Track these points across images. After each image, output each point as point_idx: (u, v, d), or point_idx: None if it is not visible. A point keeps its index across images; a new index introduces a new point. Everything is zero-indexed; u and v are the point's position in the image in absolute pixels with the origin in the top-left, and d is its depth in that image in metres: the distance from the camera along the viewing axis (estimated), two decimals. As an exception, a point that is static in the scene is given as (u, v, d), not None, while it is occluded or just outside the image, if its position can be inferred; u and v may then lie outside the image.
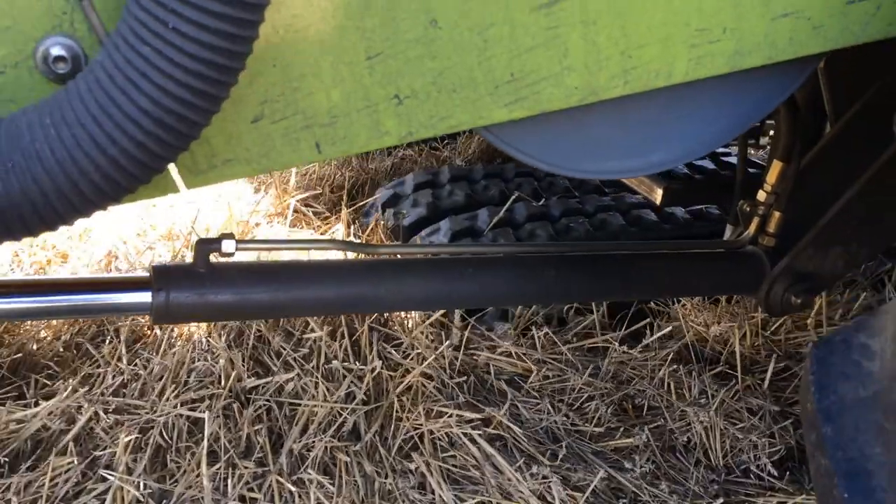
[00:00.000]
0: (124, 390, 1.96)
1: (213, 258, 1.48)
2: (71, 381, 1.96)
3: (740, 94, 1.23)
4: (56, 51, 0.83)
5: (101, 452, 1.78)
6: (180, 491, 1.72)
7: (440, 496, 1.79)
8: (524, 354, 2.21)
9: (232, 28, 0.75)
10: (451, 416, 1.97)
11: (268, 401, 1.96)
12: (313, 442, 1.86)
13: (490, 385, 2.17)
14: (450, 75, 1.02)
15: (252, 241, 1.59)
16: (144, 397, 1.93)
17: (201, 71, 0.75)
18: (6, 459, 1.74)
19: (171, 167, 0.92)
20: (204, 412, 1.85)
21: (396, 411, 1.98)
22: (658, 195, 2.12)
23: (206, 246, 1.47)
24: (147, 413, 1.87)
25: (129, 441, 1.77)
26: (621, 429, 2.08)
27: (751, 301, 2.41)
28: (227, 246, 1.47)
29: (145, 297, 1.42)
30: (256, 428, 1.87)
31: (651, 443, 2.03)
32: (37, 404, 1.88)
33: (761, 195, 1.92)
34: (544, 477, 1.86)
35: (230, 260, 1.51)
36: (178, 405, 1.89)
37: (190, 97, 0.76)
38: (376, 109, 1.01)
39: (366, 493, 1.80)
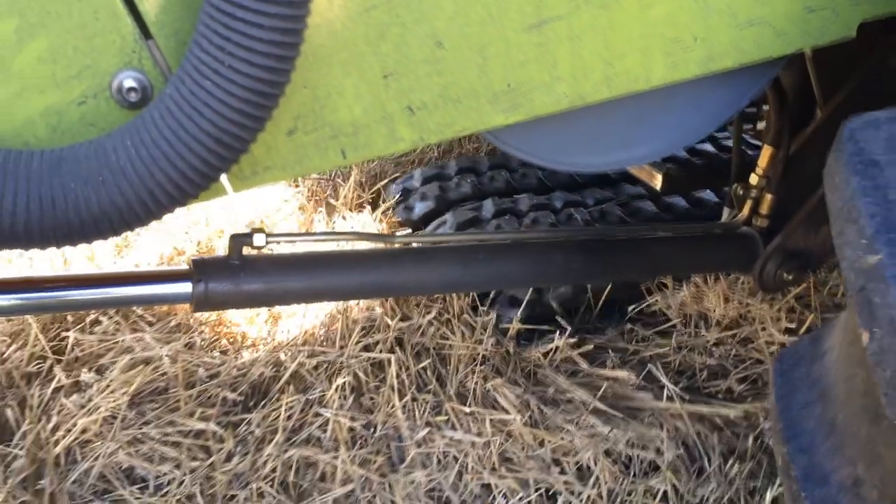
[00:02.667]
0: (312, 339, 2.31)
1: (246, 251, 1.65)
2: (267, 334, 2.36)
3: (715, 92, 1.38)
4: (128, 83, 1.02)
5: (314, 394, 2.11)
6: (381, 421, 2.04)
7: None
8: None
9: (274, 64, 0.92)
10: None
11: (419, 343, 2.29)
12: (467, 375, 2.19)
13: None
14: (454, 88, 1.18)
15: (280, 234, 1.76)
16: (329, 344, 2.27)
17: (251, 98, 0.93)
18: (241, 398, 2.09)
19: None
20: (383, 353, 2.18)
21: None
22: (658, 181, 2.26)
23: (240, 240, 1.64)
24: (339, 357, 2.18)
25: (341, 383, 2.09)
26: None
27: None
28: (258, 239, 1.64)
29: (186, 287, 1.58)
30: (422, 365, 2.19)
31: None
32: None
33: (753, 179, 2.05)
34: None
35: (261, 252, 1.68)
36: (360, 350, 2.22)
37: (242, 120, 0.94)
38: (392, 120, 1.18)
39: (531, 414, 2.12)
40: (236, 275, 1.64)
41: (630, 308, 2.49)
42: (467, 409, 2.09)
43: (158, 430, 2.00)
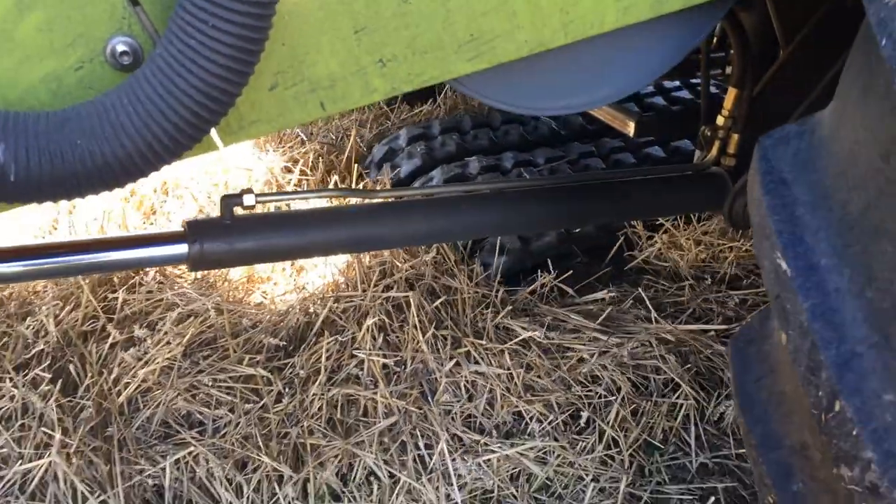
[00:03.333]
0: (336, 287, 2.52)
1: (238, 212, 1.74)
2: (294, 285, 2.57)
3: (669, 32, 1.47)
4: (121, 47, 1.11)
5: (347, 336, 2.29)
6: (409, 357, 2.22)
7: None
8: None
9: (254, 22, 1.02)
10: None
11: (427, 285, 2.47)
12: (476, 315, 2.39)
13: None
14: (421, 40, 1.28)
15: (269, 193, 1.86)
16: (352, 289, 2.46)
17: (234, 55, 1.02)
18: (283, 344, 2.28)
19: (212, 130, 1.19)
20: (402, 293, 2.38)
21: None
22: (631, 128, 2.36)
23: (231, 200, 1.73)
24: (362, 300, 2.36)
25: (370, 324, 2.27)
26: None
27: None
28: (248, 199, 1.73)
29: (182, 248, 1.67)
30: (436, 305, 2.38)
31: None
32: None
33: (720, 120, 2.15)
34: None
35: (251, 212, 1.77)
36: (381, 291, 2.41)
37: (227, 75, 1.04)
38: (366, 72, 1.27)
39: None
40: (229, 234, 1.74)
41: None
42: (485, 343, 2.27)
43: (211, 378, 2.15)
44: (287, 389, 2.16)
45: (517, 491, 1.96)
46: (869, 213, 0.93)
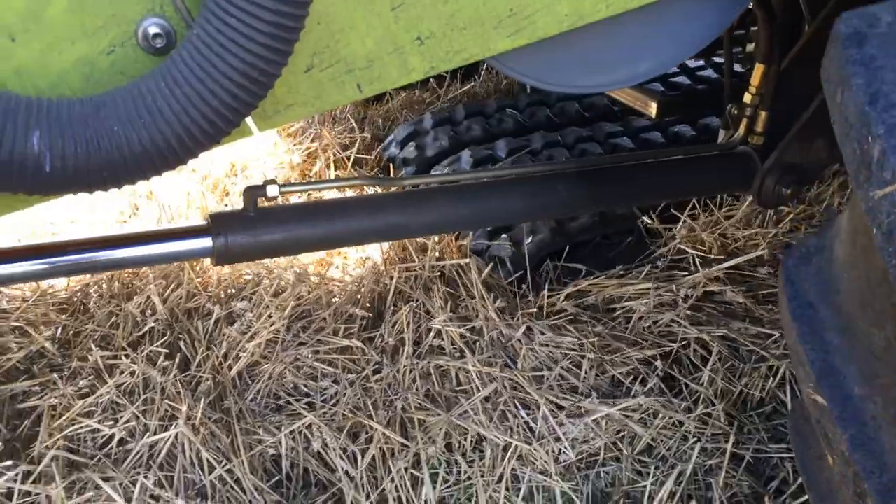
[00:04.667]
0: (395, 257, 2.51)
1: (261, 202, 1.70)
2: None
3: (708, 4, 1.43)
4: (153, 29, 1.06)
5: (419, 306, 2.31)
6: (480, 325, 2.23)
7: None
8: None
9: None
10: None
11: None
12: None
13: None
14: (460, 16, 1.23)
15: (292, 183, 1.82)
16: (410, 259, 2.46)
17: (275, 33, 0.98)
18: (369, 315, 2.33)
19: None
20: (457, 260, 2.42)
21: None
22: (653, 109, 2.31)
23: (254, 191, 1.68)
24: (421, 270, 2.39)
25: (443, 292, 2.32)
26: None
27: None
28: (272, 190, 1.69)
29: (206, 242, 1.63)
30: (486, 271, 2.40)
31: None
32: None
33: (747, 97, 2.10)
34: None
35: (275, 203, 1.73)
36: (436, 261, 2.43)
37: (268, 54, 0.99)
38: (403, 51, 1.23)
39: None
40: (253, 226, 1.69)
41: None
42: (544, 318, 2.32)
43: (312, 350, 2.21)
44: (383, 359, 2.21)
45: (625, 450, 2.01)
46: (892, 349, 0.93)
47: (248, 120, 1.19)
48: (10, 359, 2.13)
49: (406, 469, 1.92)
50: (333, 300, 2.37)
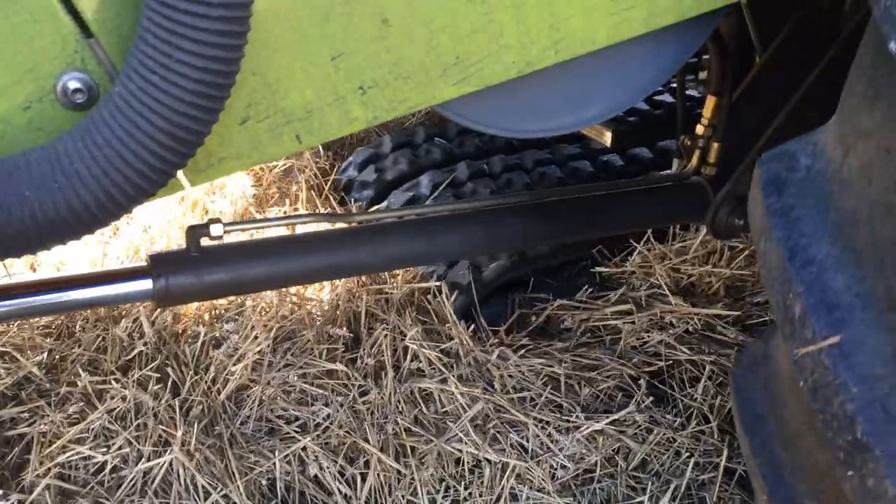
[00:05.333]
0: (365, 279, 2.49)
1: (205, 242, 1.64)
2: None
3: (659, 47, 1.40)
4: (73, 84, 0.99)
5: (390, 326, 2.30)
6: (456, 347, 2.25)
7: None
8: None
9: (223, 53, 0.91)
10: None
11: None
12: None
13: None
14: (404, 64, 1.19)
15: (237, 222, 1.75)
16: (381, 281, 2.47)
17: (202, 91, 0.92)
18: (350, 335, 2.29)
19: (178, 170, 1.08)
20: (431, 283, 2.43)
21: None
22: (607, 138, 2.30)
23: (197, 231, 1.62)
24: (393, 290, 2.38)
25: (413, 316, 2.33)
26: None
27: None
28: (216, 229, 1.63)
29: (147, 284, 1.57)
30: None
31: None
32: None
33: (699, 129, 2.10)
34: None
35: (220, 242, 1.66)
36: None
37: (195, 112, 0.93)
38: (344, 101, 1.18)
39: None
40: (196, 267, 1.63)
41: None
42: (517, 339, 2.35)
43: (299, 373, 2.19)
44: (367, 382, 2.20)
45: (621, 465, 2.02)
46: (833, 470, 0.87)
47: (180, 175, 1.13)
48: (-1, 384, 2.09)
49: (403, 497, 1.93)
50: (315, 321, 2.36)
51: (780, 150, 1.06)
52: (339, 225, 1.93)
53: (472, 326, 2.35)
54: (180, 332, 2.31)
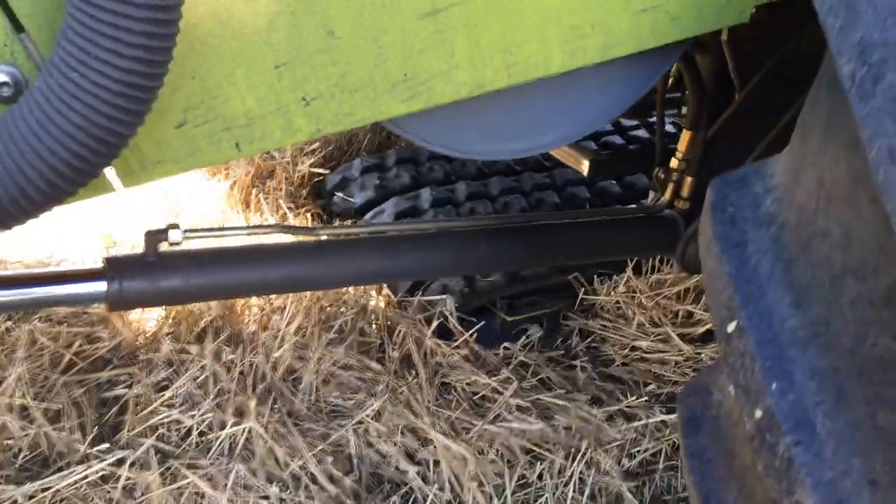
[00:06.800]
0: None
1: (164, 248, 1.62)
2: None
3: (618, 77, 1.39)
4: (1, 77, 0.98)
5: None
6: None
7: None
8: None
9: (146, 55, 0.90)
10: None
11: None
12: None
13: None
14: (350, 78, 1.17)
15: (198, 229, 1.73)
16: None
17: (122, 91, 0.90)
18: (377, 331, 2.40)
19: (107, 169, 1.07)
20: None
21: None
22: (585, 167, 2.28)
23: (155, 236, 1.60)
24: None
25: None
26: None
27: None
28: (174, 235, 1.61)
29: (101, 286, 1.55)
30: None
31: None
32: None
33: (674, 162, 2.09)
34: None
35: (178, 248, 1.64)
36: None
37: (115, 113, 0.91)
38: (287, 111, 1.16)
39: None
40: (152, 271, 1.61)
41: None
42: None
43: (338, 363, 2.25)
44: (401, 367, 2.29)
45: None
46: None
47: (111, 176, 1.11)
48: (98, 349, 2.23)
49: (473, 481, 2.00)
50: (341, 311, 2.44)
51: (733, 173, 1.06)
52: (304, 238, 1.91)
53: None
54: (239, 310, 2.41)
